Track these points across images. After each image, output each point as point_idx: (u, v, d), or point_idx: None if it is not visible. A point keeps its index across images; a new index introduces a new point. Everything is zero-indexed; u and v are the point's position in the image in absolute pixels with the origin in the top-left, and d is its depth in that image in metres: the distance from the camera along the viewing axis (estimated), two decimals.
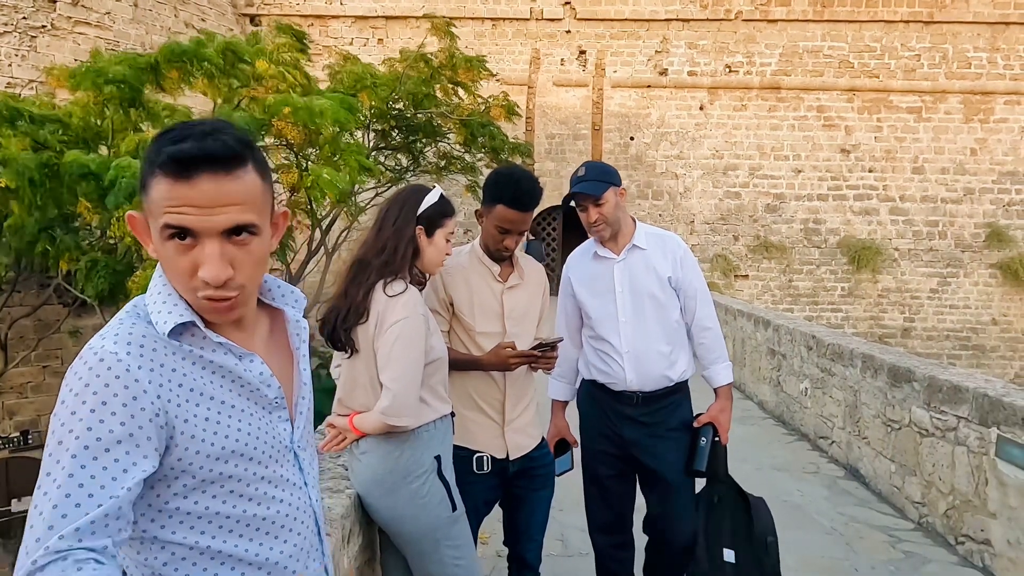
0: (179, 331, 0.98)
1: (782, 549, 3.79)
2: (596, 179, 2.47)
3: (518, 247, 2.38)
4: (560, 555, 3.64)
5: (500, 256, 2.33)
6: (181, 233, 0.93)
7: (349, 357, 1.97)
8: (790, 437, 6.09)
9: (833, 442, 5.46)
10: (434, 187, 2.11)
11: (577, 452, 2.73)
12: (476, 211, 2.38)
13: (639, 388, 2.53)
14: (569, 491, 2.93)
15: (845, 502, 4.59)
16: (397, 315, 1.87)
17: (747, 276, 16.40)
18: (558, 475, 2.56)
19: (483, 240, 2.35)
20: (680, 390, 2.63)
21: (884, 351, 5.06)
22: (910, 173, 16.23)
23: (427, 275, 2.12)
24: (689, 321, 2.62)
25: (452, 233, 2.09)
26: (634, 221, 2.61)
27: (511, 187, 2.25)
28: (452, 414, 2.10)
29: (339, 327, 1.93)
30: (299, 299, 1.21)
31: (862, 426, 4.98)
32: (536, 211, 2.53)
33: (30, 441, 11.25)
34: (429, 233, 2.04)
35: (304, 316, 1.24)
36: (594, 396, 2.64)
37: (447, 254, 2.10)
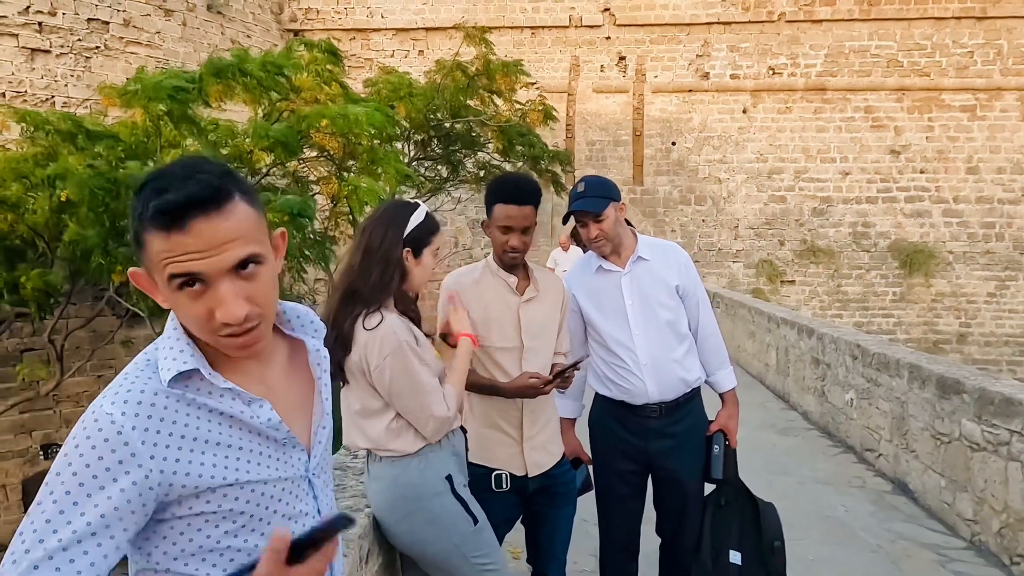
0: (185, 377, 0.98)
1: (825, 567, 3.70)
2: (596, 195, 2.45)
3: (530, 252, 2.36)
4: (594, 571, 3.58)
5: (511, 261, 2.28)
6: (190, 280, 0.93)
7: (342, 387, 1.95)
8: (835, 449, 5.92)
9: (880, 455, 5.28)
10: (419, 204, 2.05)
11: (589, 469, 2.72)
12: (482, 222, 2.35)
13: (660, 399, 2.52)
14: None
15: (892, 518, 4.43)
16: (382, 352, 1.84)
17: (794, 282, 16.05)
18: (580, 495, 2.54)
19: (494, 251, 2.33)
20: (696, 395, 2.64)
21: (932, 361, 4.89)
22: (964, 174, 15.69)
23: (415, 293, 2.08)
24: (694, 328, 2.63)
25: (438, 249, 2.05)
26: (634, 233, 2.60)
27: (502, 184, 2.29)
28: (463, 430, 2.09)
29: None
30: (319, 328, 1.20)
31: (910, 439, 4.81)
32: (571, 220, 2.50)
33: None
34: (416, 253, 1.99)
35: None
36: (613, 414, 2.61)
37: (434, 270, 2.07)
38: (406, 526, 1.94)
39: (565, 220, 2.57)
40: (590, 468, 2.69)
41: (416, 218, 1.99)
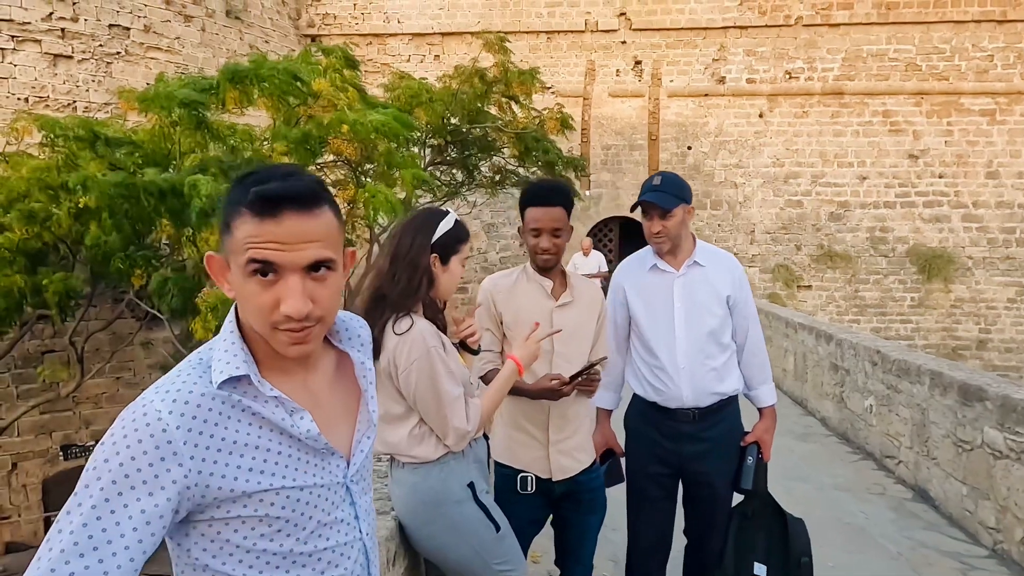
0: (235, 380, 1.02)
1: (844, 574, 3.67)
2: (669, 192, 2.43)
3: (569, 257, 2.37)
4: None
5: (544, 264, 2.31)
6: (264, 269, 0.98)
7: None
8: (854, 456, 5.87)
9: (900, 462, 5.24)
10: (448, 212, 2.06)
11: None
12: (518, 228, 2.37)
13: (694, 404, 2.50)
14: (622, 511, 2.90)
15: (913, 525, 4.40)
16: (410, 356, 1.85)
17: (810, 287, 15.95)
18: (608, 487, 2.54)
19: (529, 255, 2.36)
20: (732, 402, 2.62)
21: (953, 367, 4.84)
22: (984, 178, 15.54)
23: (443, 301, 2.07)
24: (740, 341, 2.60)
25: (467, 258, 2.06)
26: (694, 237, 2.58)
27: (531, 188, 2.34)
28: (486, 437, 2.09)
29: None
30: (365, 342, 1.25)
31: (931, 446, 4.77)
32: (593, 222, 2.52)
33: None
34: (444, 260, 1.99)
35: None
36: (648, 417, 2.60)
37: (461, 277, 2.08)
38: (427, 532, 1.95)
39: (632, 209, 2.56)
40: (622, 461, 2.69)
41: (445, 225, 1.99)
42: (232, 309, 1.09)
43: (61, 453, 11.39)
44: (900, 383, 5.29)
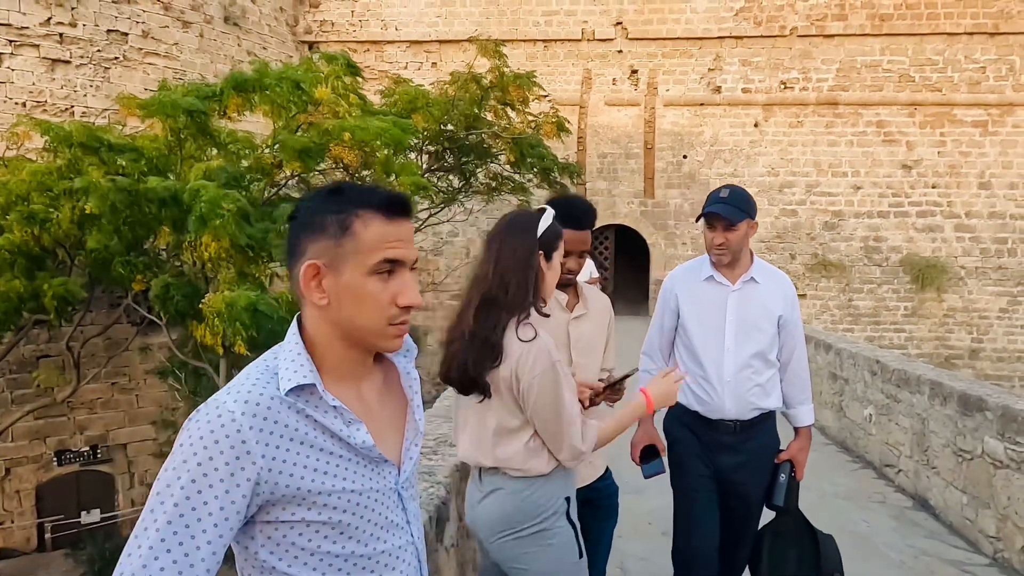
0: (299, 388, 1.06)
1: None
2: (736, 206, 2.46)
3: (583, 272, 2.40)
4: None
5: (566, 282, 2.33)
6: (392, 267, 1.08)
7: (480, 402, 1.89)
8: (854, 464, 5.92)
9: (900, 471, 5.29)
10: (544, 209, 2.02)
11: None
12: None
13: (736, 417, 2.53)
14: (629, 519, 2.92)
15: (914, 534, 4.43)
16: (534, 369, 1.80)
17: (804, 295, 16.04)
18: (647, 477, 2.57)
19: None
20: (771, 416, 2.65)
21: (953, 378, 4.90)
22: (976, 189, 15.71)
23: (544, 302, 2.02)
24: (786, 360, 2.62)
25: (564, 253, 2.03)
26: (751, 253, 2.60)
27: (565, 208, 2.27)
28: None
29: (472, 371, 1.84)
30: (410, 348, 1.28)
31: (931, 455, 4.82)
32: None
33: (99, 455, 11.69)
34: (548, 257, 1.96)
35: None
36: (688, 425, 2.62)
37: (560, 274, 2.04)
38: (515, 540, 1.92)
39: (698, 219, 2.58)
40: (664, 459, 2.68)
41: (545, 222, 1.97)
42: (295, 319, 1.14)
43: (55, 459, 11.32)
44: (900, 393, 5.34)
